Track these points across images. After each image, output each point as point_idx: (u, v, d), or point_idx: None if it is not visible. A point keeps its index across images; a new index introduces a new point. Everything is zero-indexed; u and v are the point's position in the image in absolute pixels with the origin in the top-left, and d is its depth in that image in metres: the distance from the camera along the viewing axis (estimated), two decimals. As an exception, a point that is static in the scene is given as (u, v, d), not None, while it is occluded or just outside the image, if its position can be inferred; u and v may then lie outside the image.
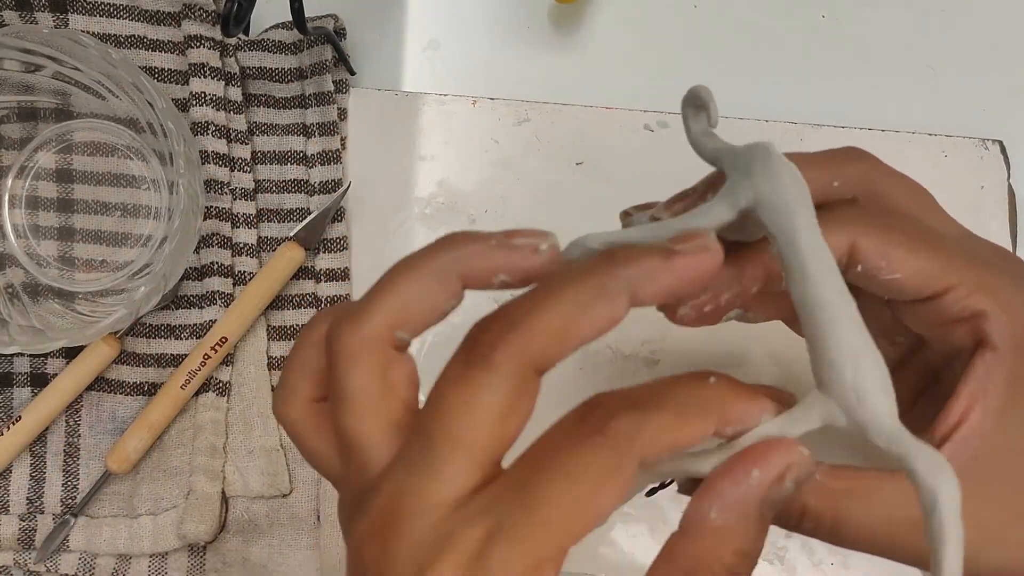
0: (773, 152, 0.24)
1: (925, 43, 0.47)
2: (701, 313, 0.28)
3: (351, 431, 0.23)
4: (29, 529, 0.41)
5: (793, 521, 0.27)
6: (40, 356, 0.43)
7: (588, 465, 0.20)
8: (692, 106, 0.27)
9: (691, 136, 0.27)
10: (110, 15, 0.43)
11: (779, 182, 0.24)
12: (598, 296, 0.21)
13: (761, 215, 0.24)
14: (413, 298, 0.23)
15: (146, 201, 0.44)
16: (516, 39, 0.47)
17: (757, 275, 0.28)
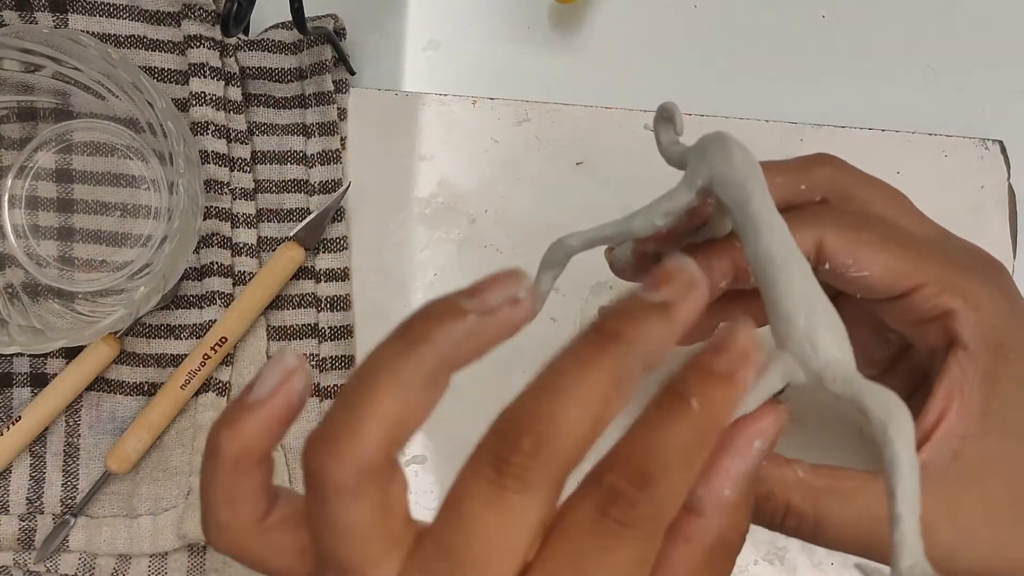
0: (724, 135, 0.26)
1: (925, 43, 0.47)
2: None
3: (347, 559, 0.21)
4: (29, 529, 0.41)
5: (777, 519, 0.27)
6: (40, 356, 0.43)
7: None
8: (661, 119, 0.29)
9: (661, 147, 0.29)
10: (110, 15, 0.43)
11: (730, 157, 0.26)
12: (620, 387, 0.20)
13: (717, 190, 0.26)
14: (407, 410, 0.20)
15: (146, 201, 0.44)
16: (516, 39, 0.47)
17: (725, 268, 0.29)
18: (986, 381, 0.28)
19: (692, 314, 0.21)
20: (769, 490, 0.27)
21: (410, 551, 0.21)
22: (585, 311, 0.44)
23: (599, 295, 0.44)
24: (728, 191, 0.25)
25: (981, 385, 0.28)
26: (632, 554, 0.20)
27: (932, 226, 0.31)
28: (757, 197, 0.25)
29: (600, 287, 0.44)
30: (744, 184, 0.25)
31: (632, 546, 0.20)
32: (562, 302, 0.44)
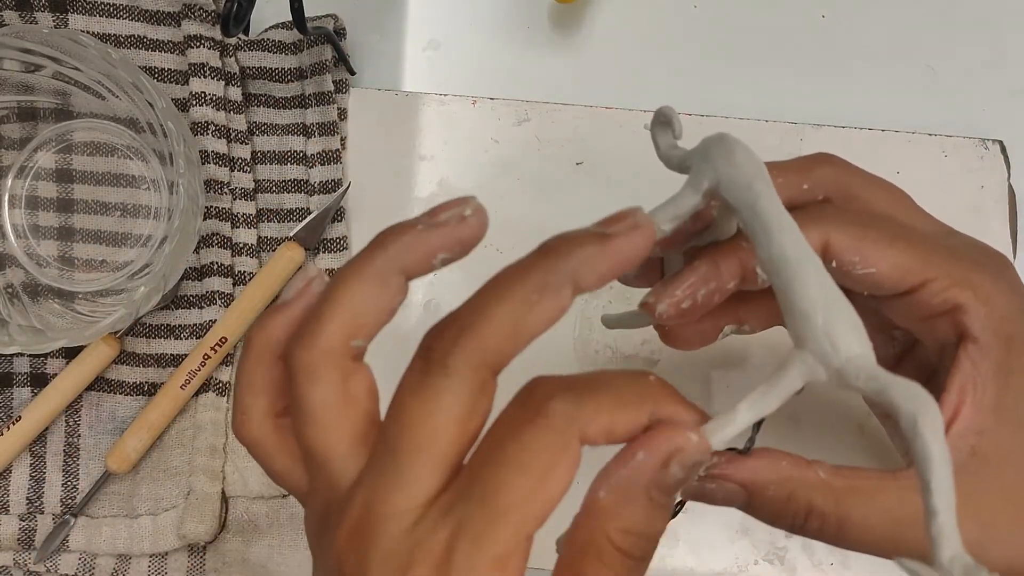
0: (727, 136, 0.26)
1: (925, 43, 0.47)
2: (680, 310, 0.28)
3: (317, 446, 0.23)
4: (29, 529, 0.41)
5: (799, 520, 0.27)
6: (40, 356, 0.43)
7: (534, 449, 0.21)
8: (659, 124, 0.29)
9: (660, 152, 0.29)
10: (110, 15, 0.43)
11: (734, 158, 0.25)
12: (543, 291, 0.22)
13: (723, 192, 0.25)
14: (361, 304, 0.23)
15: (146, 201, 0.44)
16: (516, 39, 0.47)
17: (733, 269, 0.29)
18: (999, 374, 0.28)
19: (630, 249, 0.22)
20: (791, 492, 0.27)
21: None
22: (585, 311, 0.44)
23: (599, 295, 0.44)
24: (735, 192, 0.25)
25: (994, 378, 0.28)
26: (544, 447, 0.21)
27: (936, 223, 0.31)
28: (765, 197, 0.25)
29: (600, 287, 0.44)
30: (751, 184, 0.25)
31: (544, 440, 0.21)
32: (562, 302, 0.44)
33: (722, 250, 0.29)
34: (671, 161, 0.29)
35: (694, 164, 0.27)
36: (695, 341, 0.33)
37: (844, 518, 0.27)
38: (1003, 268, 0.30)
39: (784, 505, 0.27)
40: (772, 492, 0.27)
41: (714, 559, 0.42)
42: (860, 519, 0.27)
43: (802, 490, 0.27)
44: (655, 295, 0.28)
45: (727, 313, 0.33)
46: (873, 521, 0.27)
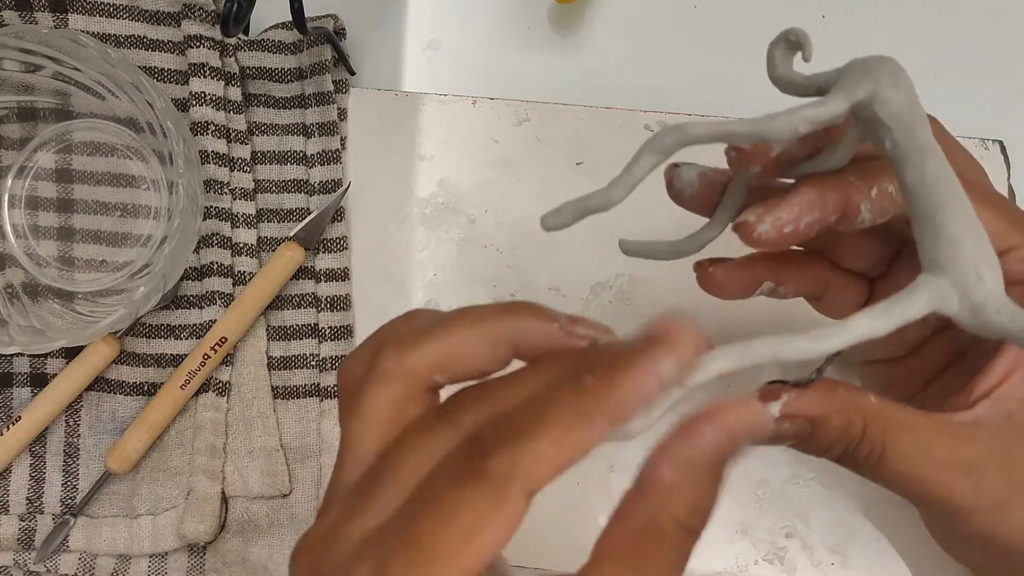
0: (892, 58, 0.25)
1: (925, 43, 0.47)
2: (781, 234, 0.28)
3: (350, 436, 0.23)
4: (29, 529, 0.41)
5: (852, 447, 0.27)
6: (40, 356, 0.43)
7: (467, 505, 0.20)
8: (787, 43, 0.28)
9: (778, 73, 0.28)
10: (110, 15, 0.43)
11: (899, 79, 0.25)
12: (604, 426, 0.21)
13: (878, 108, 0.25)
14: (463, 350, 0.23)
15: (146, 201, 0.44)
16: (516, 39, 0.47)
17: (839, 202, 0.28)
18: None
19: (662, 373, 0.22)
20: (850, 418, 0.27)
21: None
22: (585, 311, 0.44)
23: (599, 295, 0.44)
24: (894, 110, 0.25)
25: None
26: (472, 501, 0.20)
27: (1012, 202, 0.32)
28: (923, 121, 0.24)
29: (600, 287, 0.44)
30: (913, 106, 0.25)
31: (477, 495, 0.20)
32: (562, 302, 0.44)
33: (830, 181, 0.28)
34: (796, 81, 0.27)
35: (847, 76, 0.26)
36: (733, 290, 0.33)
37: (888, 447, 0.27)
38: None
39: (844, 432, 0.27)
40: (836, 421, 0.27)
41: (714, 559, 0.42)
42: (902, 452, 0.27)
43: (859, 415, 0.27)
44: (756, 215, 0.28)
45: (769, 270, 0.33)
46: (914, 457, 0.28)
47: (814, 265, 0.34)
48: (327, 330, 0.43)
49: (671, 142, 0.26)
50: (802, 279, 0.33)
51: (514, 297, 0.44)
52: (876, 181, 0.28)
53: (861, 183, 0.28)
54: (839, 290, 0.34)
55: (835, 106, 0.25)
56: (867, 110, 0.25)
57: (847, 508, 0.42)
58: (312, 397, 0.43)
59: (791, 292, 0.34)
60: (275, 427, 0.42)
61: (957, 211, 0.23)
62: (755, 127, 0.25)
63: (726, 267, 0.33)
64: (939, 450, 0.28)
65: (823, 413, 0.27)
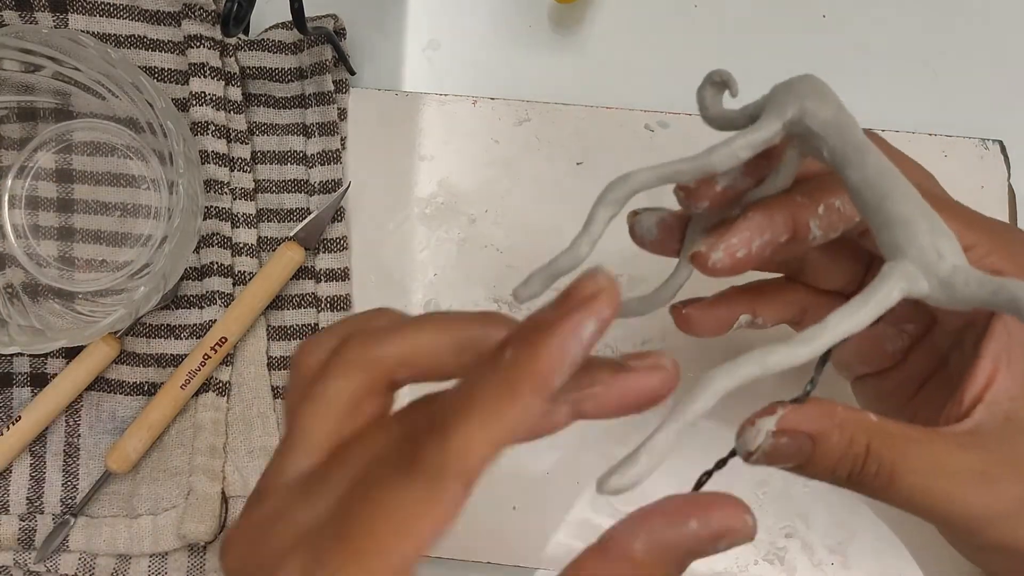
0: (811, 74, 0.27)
1: (925, 43, 0.47)
2: (735, 259, 0.28)
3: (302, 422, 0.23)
4: (29, 529, 0.41)
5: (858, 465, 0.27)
6: (40, 356, 0.43)
7: (401, 498, 0.20)
8: (712, 84, 0.29)
9: (710, 113, 0.29)
10: (110, 15, 0.43)
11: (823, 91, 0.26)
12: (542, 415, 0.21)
13: (808, 121, 0.26)
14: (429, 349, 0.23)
15: (146, 201, 0.44)
16: (516, 39, 0.47)
17: (786, 221, 0.28)
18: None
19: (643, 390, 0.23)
20: (852, 435, 0.27)
21: None
22: (585, 311, 0.44)
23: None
24: (823, 120, 0.25)
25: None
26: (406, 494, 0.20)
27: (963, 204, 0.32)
28: (852, 123, 0.25)
29: (600, 287, 0.44)
30: (839, 113, 0.25)
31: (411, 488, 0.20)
32: (562, 302, 0.44)
33: (776, 202, 0.29)
34: (728, 116, 0.28)
35: (774, 99, 0.27)
36: (710, 328, 0.33)
37: (898, 464, 0.27)
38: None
39: (846, 450, 0.27)
40: (837, 439, 0.27)
41: (714, 559, 0.42)
42: (913, 466, 0.27)
43: (861, 433, 0.27)
44: (708, 244, 0.28)
45: (743, 303, 0.33)
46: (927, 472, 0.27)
47: (788, 291, 0.34)
48: (327, 330, 0.43)
49: (621, 193, 0.27)
50: (778, 306, 0.34)
51: (514, 297, 0.44)
52: (822, 197, 0.29)
53: (808, 201, 0.29)
54: (818, 311, 0.34)
55: (768, 127, 0.26)
56: (799, 126, 0.26)
57: (847, 508, 0.42)
58: (312, 397, 0.43)
59: (770, 320, 0.34)
60: (275, 427, 0.42)
61: (904, 195, 0.24)
62: (698, 162, 0.26)
63: (699, 306, 0.33)
64: (950, 461, 0.27)
65: (821, 429, 0.27)
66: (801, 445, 0.27)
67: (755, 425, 0.26)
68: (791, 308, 0.34)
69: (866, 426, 0.27)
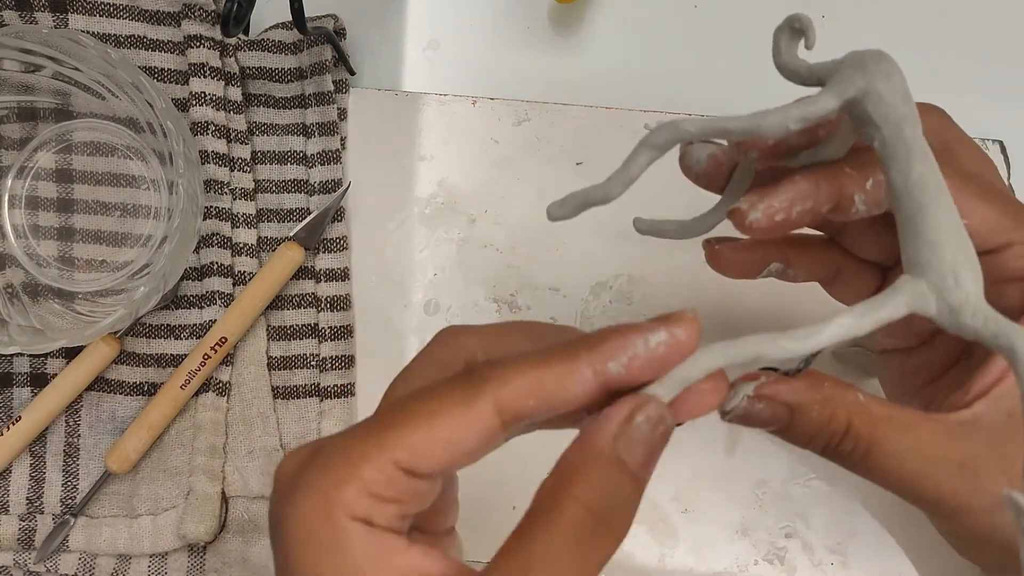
0: (887, 54, 0.25)
1: (925, 43, 0.47)
2: (772, 222, 0.28)
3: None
4: (29, 529, 0.41)
5: (835, 440, 0.27)
6: (40, 356, 0.43)
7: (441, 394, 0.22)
8: (791, 30, 0.28)
9: (782, 59, 0.28)
10: (110, 15, 0.43)
11: (892, 76, 0.25)
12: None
13: (869, 106, 0.25)
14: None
15: (146, 201, 0.44)
16: (516, 39, 0.47)
17: (832, 192, 0.28)
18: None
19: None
20: (833, 411, 0.27)
21: None
22: (585, 311, 0.44)
23: (599, 295, 0.44)
24: (884, 109, 0.25)
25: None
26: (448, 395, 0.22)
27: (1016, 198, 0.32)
28: (913, 121, 0.25)
29: (600, 287, 0.44)
30: (903, 105, 0.25)
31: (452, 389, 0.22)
32: (562, 302, 0.44)
33: (825, 171, 0.28)
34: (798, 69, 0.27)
35: (841, 71, 0.26)
36: (739, 269, 0.33)
37: (876, 443, 0.27)
38: None
39: (825, 424, 0.27)
40: (816, 414, 0.27)
41: (714, 559, 0.42)
42: (891, 448, 0.27)
43: (843, 410, 0.27)
44: (749, 202, 0.28)
45: (779, 250, 0.33)
46: (904, 454, 0.27)
47: (825, 250, 0.34)
48: (327, 330, 0.43)
49: (665, 139, 0.27)
50: (812, 262, 0.33)
51: (513, 297, 0.44)
52: (873, 173, 0.28)
53: (857, 174, 0.28)
54: (851, 276, 0.34)
55: (825, 104, 0.25)
56: (858, 107, 0.25)
57: (847, 508, 0.42)
58: (312, 397, 0.43)
59: (801, 275, 0.34)
60: (275, 427, 0.42)
61: (938, 214, 0.24)
62: (748, 123, 0.26)
63: (733, 246, 0.32)
64: (930, 448, 0.28)
65: (801, 401, 0.27)
66: (776, 413, 0.27)
67: (735, 388, 0.27)
68: (825, 267, 0.34)
69: (850, 404, 0.27)
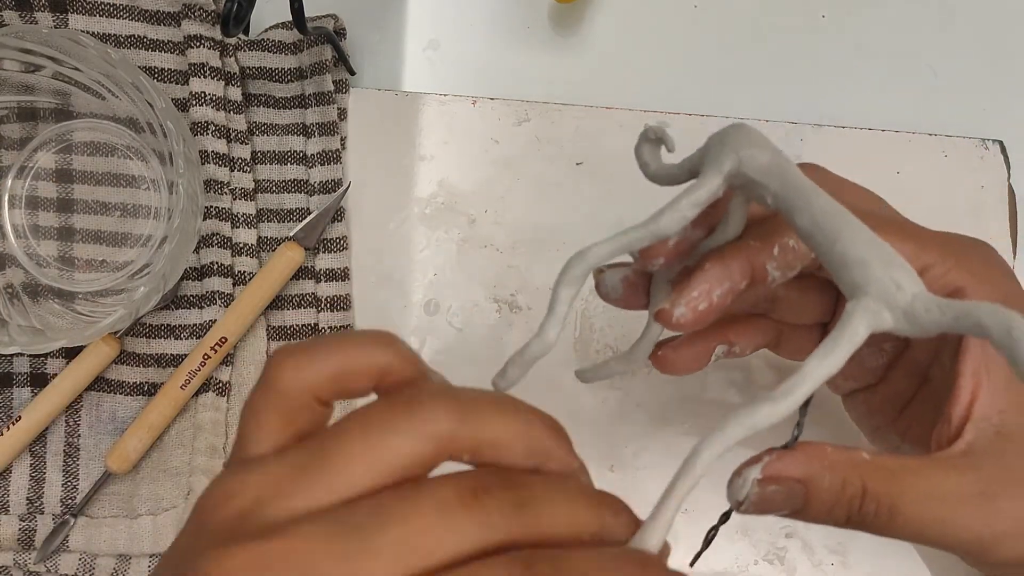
0: (742, 123, 0.27)
1: (925, 43, 0.47)
2: (697, 313, 0.28)
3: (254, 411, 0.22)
4: (29, 529, 0.41)
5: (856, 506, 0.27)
6: (40, 356, 0.42)
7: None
8: (648, 142, 0.29)
9: (651, 170, 0.29)
10: (110, 15, 0.43)
11: (754, 138, 0.26)
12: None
13: (747, 170, 0.26)
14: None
15: (146, 201, 0.44)
16: (516, 39, 0.47)
17: (743, 267, 0.29)
18: None
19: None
20: (844, 477, 0.26)
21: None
22: (585, 311, 0.44)
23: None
24: (761, 168, 0.26)
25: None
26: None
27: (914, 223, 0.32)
28: (790, 167, 0.25)
29: (600, 287, 0.44)
30: (776, 159, 0.26)
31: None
32: (562, 302, 0.44)
33: (730, 250, 0.29)
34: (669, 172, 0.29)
35: (710, 153, 0.27)
36: (689, 365, 0.34)
37: (897, 498, 0.27)
38: (989, 252, 0.31)
39: (840, 492, 0.26)
40: (828, 482, 0.26)
41: (714, 559, 0.42)
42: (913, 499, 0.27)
43: (854, 473, 0.26)
44: (671, 302, 0.28)
45: (717, 334, 0.34)
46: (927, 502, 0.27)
47: (760, 319, 0.34)
48: (327, 330, 0.43)
49: (579, 271, 0.28)
50: (753, 334, 0.34)
51: (513, 297, 0.44)
52: (776, 239, 0.29)
53: (761, 244, 0.29)
54: (793, 337, 0.35)
55: (710, 183, 0.26)
56: (739, 176, 0.26)
57: (847, 508, 0.42)
58: (312, 397, 0.43)
59: (747, 348, 0.34)
60: (275, 427, 0.42)
61: (853, 234, 0.24)
62: (648, 229, 0.27)
63: (674, 345, 0.33)
64: (948, 487, 0.27)
65: (810, 473, 0.26)
66: (792, 491, 0.26)
67: (741, 475, 0.26)
68: (767, 334, 0.34)
69: (859, 465, 0.27)
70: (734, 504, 0.26)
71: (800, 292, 0.33)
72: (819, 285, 0.33)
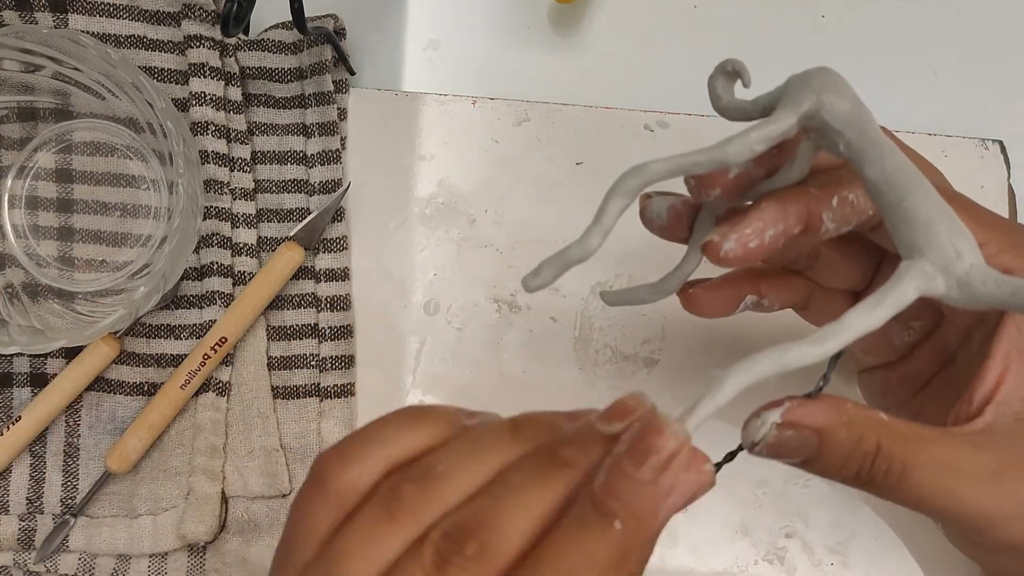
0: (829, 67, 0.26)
1: (925, 43, 0.47)
2: (746, 250, 0.28)
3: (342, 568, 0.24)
4: (29, 529, 0.41)
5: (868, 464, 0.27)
6: (40, 356, 0.43)
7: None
8: (725, 74, 0.29)
9: (722, 103, 0.29)
10: (110, 15, 0.43)
11: (839, 84, 0.26)
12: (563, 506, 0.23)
13: (826, 115, 0.25)
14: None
15: (146, 201, 0.44)
16: (516, 39, 0.47)
17: (800, 212, 0.28)
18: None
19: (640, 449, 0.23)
20: (861, 433, 0.27)
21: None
22: (585, 311, 0.44)
23: (597, 293, 0.44)
24: (841, 115, 0.25)
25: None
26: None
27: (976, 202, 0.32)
28: (871, 120, 0.25)
29: (600, 287, 0.44)
30: (857, 107, 0.25)
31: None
32: (562, 302, 0.44)
33: (790, 194, 0.29)
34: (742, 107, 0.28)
35: (789, 92, 0.26)
36: (717, 308, 0.33)
37: (910, 461, 0.27)
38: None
39: (855, 447, 0.27)
40: (844, 435, 0.26)
41: (714, 559, 0.42)
42: (925, 465, 0.27)
43: (871, 431, 0.27)
44: (721, 233, 0.28)
45: (750, 283, 0.33)
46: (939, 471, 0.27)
47: (795, 277, 0.34)
48: (327, 330, 0.43)
49: (634, 184, 0.27)
50: (785, 289, 0.34)
51: (513, 297, 0.44)
52: (836, 190, 0.29)
53: (822, 193, 0.29)
54: (824, 301, 0.34)
55: (784, 121, 0.26)
56: (815, 119, 0.26)
57: (847, 508, 0.42)
58: (312, 397, 0.43)
59: (776, 304, 0.34)
60: (275, 427, 0.42)
61: (923, 194, 0.24)
62: (712, 155, 0.26)
63: (706, 286, 0.33)
64: (962, 461, 0.27)
65: (828, 424, 0.26)
66: (806, 439, 0.26)
67: (760, 417, 0.26)
68: (798, 292, 0.34)
69: (877, 424, 0.27)
70: (748, 445, 0.26)
71: (841, 254, 0.33)
72: (863, 250, 0.33)
